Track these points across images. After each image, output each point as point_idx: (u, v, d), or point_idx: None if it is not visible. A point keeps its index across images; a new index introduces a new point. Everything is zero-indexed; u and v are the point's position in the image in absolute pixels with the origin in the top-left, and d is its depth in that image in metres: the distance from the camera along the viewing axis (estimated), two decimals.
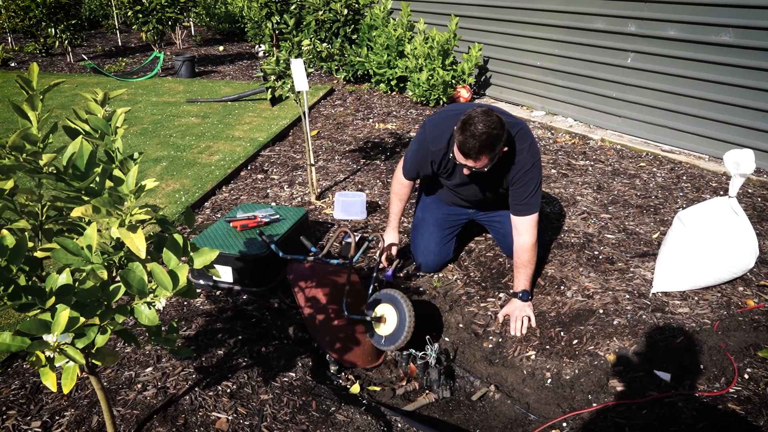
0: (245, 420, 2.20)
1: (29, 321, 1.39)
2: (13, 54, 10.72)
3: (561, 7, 5.78)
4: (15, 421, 2.22)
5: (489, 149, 2.55)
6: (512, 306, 2.94)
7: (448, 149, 2.83)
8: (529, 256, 2.91)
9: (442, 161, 2.91)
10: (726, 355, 2.48)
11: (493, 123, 2.52)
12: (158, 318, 1.57)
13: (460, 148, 2.58)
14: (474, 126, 2.51)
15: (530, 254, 2.90)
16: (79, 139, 1.45)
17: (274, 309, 2.99)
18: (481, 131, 2.50)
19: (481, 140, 2.51)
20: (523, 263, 2.92)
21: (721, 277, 2.90)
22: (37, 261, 1.65)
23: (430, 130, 2.92)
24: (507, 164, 2.81)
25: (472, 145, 2.53)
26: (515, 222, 2.90)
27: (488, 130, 2.51)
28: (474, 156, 2.57)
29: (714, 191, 4.19)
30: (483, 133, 2.50)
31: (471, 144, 2.53)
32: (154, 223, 1.66)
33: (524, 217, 2.87)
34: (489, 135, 2.51)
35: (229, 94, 7.39)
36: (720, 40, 4.54)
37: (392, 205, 3.29)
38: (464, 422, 2.52)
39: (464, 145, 2.56)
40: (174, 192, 4.43)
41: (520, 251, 2.91)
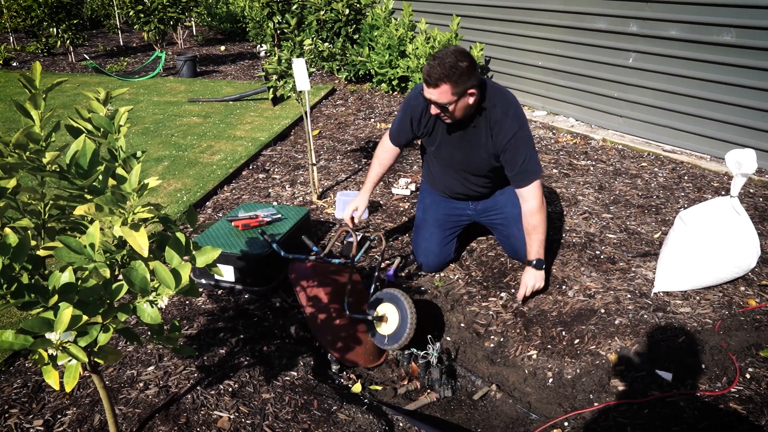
0: (247, 419, 2.20)
1: (32, 319, 1.39)
2: (15, 53, 10.73)
3: (562, 7, 5.78)
4: (17, 419, 2.22)
5: (450, 79, 2.57)
6: (527, 276, 2.96)
7: (426, 104, 2.85)
8: (538, 219, 2.90)
9: (421, 118, 2.97)
10: (728, 355, 2.48)
11: (462, 56, 2.58)
12: (160, 317, 1.57)
13: (424, 76, 2.63)
14: (443, 55, 2.58)
15: (539, 217, 2.90)
16: (82, 137, 1.46)
17: (275, 308, 2.99)
18: (447, 60, 2.56)
19: (444, 66, 2.55)
20: (533, 227, 2.92)
21: (723, 276, 2.90)
22: (40, 259, 1.65)
23: (413, 90, 3.01)
24: (485, 122, 2.84)
25: (434, 69, 2.57)
26: (520, 193, 2.91)
27: (455, 61, 2.56)
28: (434, 82, 2.60)
29: (716, 191, 4.19)
30: (447, 62, 2.56)
31: (434, 69, 2.58)
32: (156, 222, 1.66)
33: (526, 187, 2.87)
34: (453, 65, 2.56)
35: (231, 94, 7.40)
36: (722, 40, 4.53)
37: (371, 169, 3.31)
38: (466, 422, 2.52)
39: (427, 73, 2.61)
40: (176, 191, 4.44)
41: (528, 216, 2.92)
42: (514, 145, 2.82)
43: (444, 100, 2.65)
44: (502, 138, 2.83)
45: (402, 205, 4.15)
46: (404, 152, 5.16)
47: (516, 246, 3.24)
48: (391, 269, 3.24)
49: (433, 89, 2.63)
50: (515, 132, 2.81)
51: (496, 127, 2.83)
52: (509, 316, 2.95)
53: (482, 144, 2.90)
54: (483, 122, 2.86)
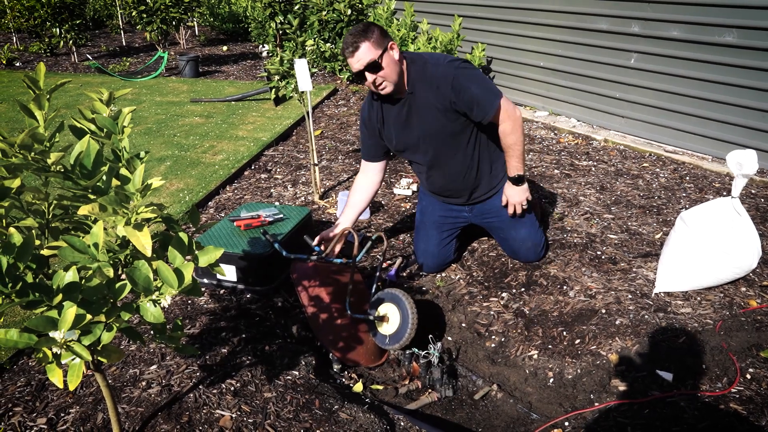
0: (249, 418, 2.21)
1: (36, 318, 1.40)
2: (18, 54, 10.76)
3: (564, 8, 5.79)
4: (21, 417, 2.24)
5: (365, 36, 2.70)
6: (510, 192, 3.08)
7: (371, 98, 3.06)
8: (514, 138, 2.93)
9: (370, 115, 3.07)
10: (728, 356, 2.49)
11: (369, 24, 2.77)
12: (163, 316, 1.58)
13: (343, 51, 2.81)
14: (350, 31, 2.78)
15: (514, 136, 2.93)
16: (86, 138, 1.47)
17: (277, 308, 3.00)
18: (356, 29, 2.74)
19: (356, 31, 2.73)
20: (509, 146, 2.97)
21: (724, 277, 2.91)
22: (44, 259, 1.66)
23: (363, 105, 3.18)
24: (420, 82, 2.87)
25: (348, 38, 2.75)
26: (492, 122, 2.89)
27: (364, 26, 2.75)
28: (353, 45, 2.71)
29: (717, 192, 4.19)
30: (357, 29, 2.74)
31: (348, 38, 2.76)
32: (159, 222, 1.67)
33: (493, 113, 2.84)
34: (364, 29, 2.73)
35: (233, 94, 7.41)
36: (723, 40, 4.54)
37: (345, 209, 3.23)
38: (467, 421, 2.53)
39: (345, 43, 2.77)
40: (178, 191, 4.45)
41: (503, 137, 2.95)
42: (459, 84, 2.80)
43: (370, 56, 2.71)
44: (445, 84, 2.82)
45: (404, 205, 4.16)
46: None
47: (515, 247, 3.25)
48: (393, 269, 3.26)
49: (355, 52, 2.73)
50: (453, 73, 2.81)
51: (434, 79, 2.84)
52: (510, 316, 2.96)
53: (430, 104, 2.89)
54: (419, 84, 2.88)
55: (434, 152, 3.05)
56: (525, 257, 3.26)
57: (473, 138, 3.02)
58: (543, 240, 3.29)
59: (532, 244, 3.22)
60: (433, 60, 2.88)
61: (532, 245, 3.22)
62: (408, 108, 2.95)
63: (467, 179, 3.14)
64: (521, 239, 3.21)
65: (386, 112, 3.02)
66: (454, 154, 3.05)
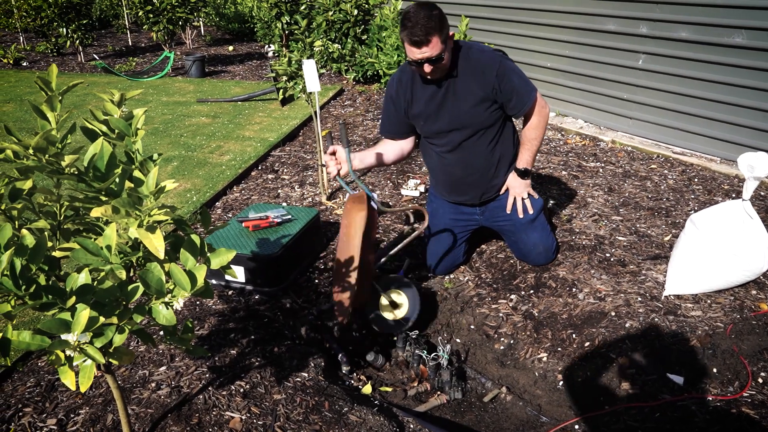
0: (258, 420, 2.21)
1: (50, 320, 1.40)
2: (25, 53, 10.79)
3: (572, 8, 5.77)
4: (31, 418, 2.24)
5: (435, 29, 2.64)
6: (513, 183, 3.13)
7: (400, 74, 3.01)
8: (538, 133, 3.05)
9: (398, 90, 3.02)
10: (739, 359, 2.47)
11: (429, 5, 2.66)
12: (175, 318, 1.58)
13: (410, 39, 2.66)
14: (413, 12, 2.64)
15: (539, 131, 3.05)
16: (100, 140, 1.47)
17: (286, 309, 3.00)
18: (423, 15, 2.62)
19: (426, 20, 2.62)
20: (530, 139, 3.07)
21: (734, 280, 2.89)
22: (56, 261, 1.66)
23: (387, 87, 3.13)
24: (465, 66, 2.88)
25: (418, 28, 2.62)
26: (524, 116, 3.03)
27: (428, 12, 2.64)
28: (425, 38, 2.63)
29: (726, 194, 4.17)
30: (424, 16, 2.62)
31: (418, 27, 2.62)
32: (170, 224, 1.67)
33: (529, 107, 2.97)
34: (431, 17, 2.63)
35: (239, 94, 7.41)
36: (733, 41, 4.51)
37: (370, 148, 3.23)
38: (476, 424, 2.53)
39: (413, 35, 2.64)
40: (185, 192, 4.45)
41: (528, 129, 3.06)
42: (503, 73, 2.87)
43: (437, 50, 2.69)
44: (490, 71, 2.87)
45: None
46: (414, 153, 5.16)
47: (525, 250, 3.24)
48: (401, 270, 3.25)
49: (425, 47, 2.67)
50: (499, 60, 2.88)
51: (479, 65, 2.88)
52: (519, 319, 2.95)
53: (471, 89, 2.91)
54: (463, 68, 2.89)
55: (461, 139, 3.04)
56: (535, 261, 3.25)
57: (498, 134, 3.06)
58: (554, 244, 3.28)
59: (543, 249, 3.21)
60: (477, 46, 2.94)
61: (543, 249, 3.21)
62: (446, 90, 2.94)
63: (484, 175, 3.13)
64: (532, 243, 3.20)
65: (418, 91, 2.99)
66: (479, 145, 3.06)
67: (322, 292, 3.14)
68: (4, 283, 1.37)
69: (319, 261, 3.44)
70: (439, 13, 2.67)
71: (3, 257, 1.36)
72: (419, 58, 2.72)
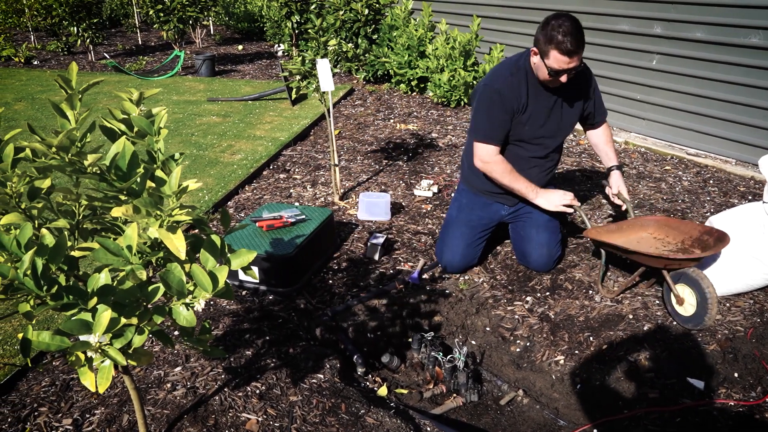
0: (275, 421, 2.19)
1: (71, 321, 1.39)
2: (36, 52, 10.82)
3: (584, 8, 5.73)
4: (46, 418, 2.23)
5: (583, 39, 2.76)
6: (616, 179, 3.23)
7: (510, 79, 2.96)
8: (611, 133, 3.36)
9: (512, 95, 2.96)
10: (761, 364, 2.44)
11: (575, 19, 2.76)
12: (195, 319, 1.56)
13: (565, 49, 2.71)
14: (564, 24, 2.73)
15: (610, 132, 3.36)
16: (122, 139, 1.45)
17: (300, 309, 2.98)
18: (575, 26, 2.71)
19: (578, 32, 2.72)
20: (609, 139, 3.33)
21: (754, 283, 2.85)
22: (75, 260, 1.65)
23: (489, 81, 3.02)
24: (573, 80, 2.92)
25: (576, 41, 2.72)
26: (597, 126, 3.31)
27: (578, 24, 2.75)
28: (578, 50, 2.72)
29: (742, 196, 4.13)
30: (577, 27, 2.72)
31: (576, 40, 2.72)
32: (189, 223, 1.65)
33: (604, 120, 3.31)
34: (580, 27, 2.74)
35: (250, 93, 7.41)
36: (749, 42, 4.47)
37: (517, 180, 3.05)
38: (492, 427, 2.50)
39: (569, 45, 2.69)
40: (197, 191, 4.44)
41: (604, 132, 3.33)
42: (596, 85, 3.15)
43: (580, 62, 2.81)
44: (586, 81, 3.05)
45: (424, 206, 4.13)
46: (425, 153, 5.15)
47: (527, 249, 3.21)
48: (415, 271, 3.22)
49: (576, 57, 2.75)
50: (590, 72, 3.07)
51: (583, 74, 3.02)
52: (535, 321, 2.93)
53: (576, 96, 3.05)
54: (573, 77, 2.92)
55: (554, 146, 3.16)
56: (535, 262, 3.20)
57: None
58: (558, 253, 3.23)
59: (547, 252, 3.17)
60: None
61: (546, 252, 3.17)
62: (557, 98, 3.00)
63: (546, 179, 3.25)
64: (538, 242, 3.16)
65: (534, 98, 2.99)
66: (557, 152, 3.22)
67: (336, 293, 3.12)
68: (26, 284, 1.35)
69: (333, 261, 3.42)
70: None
71: (25, 257, 1.34)
72: (568, 68, 2.77)
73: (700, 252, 2.70)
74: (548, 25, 2.74)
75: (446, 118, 6.25)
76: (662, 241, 2.92)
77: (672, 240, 2.89)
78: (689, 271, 2.68)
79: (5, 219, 1.52)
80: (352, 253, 3.51)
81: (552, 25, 2.72)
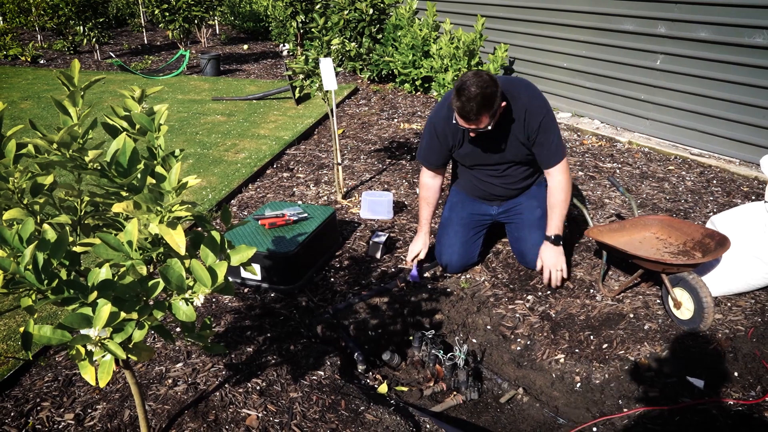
0: (275, 417, 2.20)
1: (71, 315, 1.40)
2: (42, 51, 10.88)
3: (588, 8, 5.73)
4: (48, 413, 2.25)
5: (487, 108, 2.65)
6: (545, 253, 3.06)
7: (448, 115, 2.92)
8: (564, 196, 3.02)
9: (447, 131, 2.99)
10: (762, 363, 2.44)
11: (485, 82, 2.62)
12: (195, 314, 1.58)
13: (460, 113, 2.70)
14: (467, 89, 2.61)
15: (565, 194, 3.02)
16: (122, 135, 1.47)
17: (302, 307, 2.99)
18: (475, 93, 2.60)
19: (477, 101, 2.61)
20: (558, 202, 3.03)
21: (755, 283, 2.85)
22: (77, 256, 1.67)
23: (433, 112, 3.09)
24: (512, 118, 2.89)
25: (470, 108, 2.64)
26: (550, 171, 3.02)
27: (481, 90, 2.61)
28: (474, 117, 2.68)
29: (745, 196, 4.12)
30: (477, 94, 2.60)
31: (468, 107, 2.64)
32: (190, 220, 1.66)
33: (556, 165, 2.99)
34: (483, 95, 2.61)
35: (254, 93, 7.43)
36: (753, 42, 4.46)
37: (421, 210, 3.30)
38: (492, 425, 2.51)
39: (463, 110, 2.67)
40: (201, 189, 4.46)
41: (555, 191, 3.03)
42: (545, 126, 2.91)
43: (484, 124, 2.73)
44: (534, 122, 2.90)
45: None
46: None
47: (524, 249, 3.22)
48: (414, 269, 3.23)
49: (473, 123, 2.72)
50: (544, 114, 2.91)
51: (526, 113, 2.90)
52: (536, 319, 2.93)
53: (513, 135, 2.95)
54: (508, 115, 2.89)
55: (505, 168, 3.14)
56: (532, 262, 3.20)
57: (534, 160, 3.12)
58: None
59: None
60: (526, 92, 2.92)
61: None
62: (493, 134, 2.92)
63: (518, 188, 3.24)
64: (532, 242, 3.17)
65: (467, 134, 2.97)
66: (524, 170, 3.16)
67: (337, 291, 3.13)
68: (27, 277, 1.37)
69: (335, 259, 3.44)
70: (492, 91, 2.64)
71: (26, 251, 1.36)
72: (469, 128, 2.77)
73: (700, 256, 2.70)
74: (460, 81, 2.65)
75: None
76: (664, 242, 2.92)
77: (674, 241, 2.89)
78: (688, 277, 2.68)
79: (8, 214, 1.54)
80: (354, 252, 3.52)
81: (460, 81, 2.64)
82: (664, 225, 2.99)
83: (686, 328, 2.68)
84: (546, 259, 3.04)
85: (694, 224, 2.87)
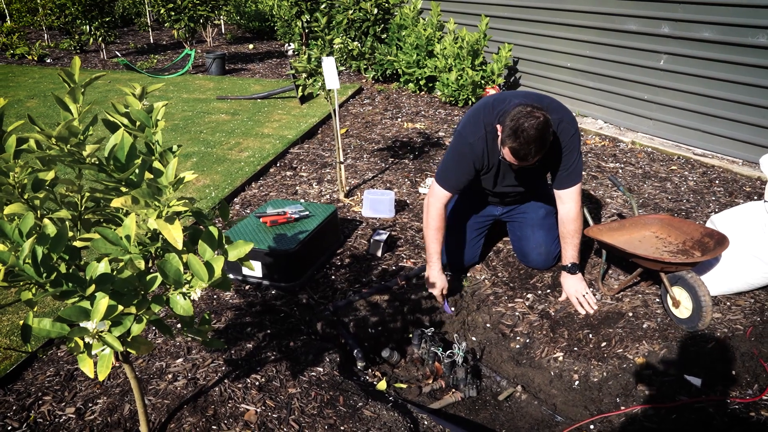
0: (273, 413, 2.22)
1: (70, 308, 1.42)
2: (49, 50, 10.94)
3: (592, 8, 5.73)
4: (50, 407, 2.27)
5: (543, 149, 2.58)
6: (568, 283, 3.00)
7: (487, 136, 2.79)
8: (577, 226, 2.95)
9: (483, 155, 2.85)
10: (759, 362, 2.44)
11: (541, 124, 2.49)
12: (192, 309, 1.59)
13: (515, 153, 2.58)
14: (526, 132, 2.48)
15: (578, 223, 2.95)
16: (120, 131, 1.49)
17: (302, 304, 3.01)
18: (534, 136, 2.49)
19: (536, 145, 2.52)
20: (570, 233, 2.96)
21: (754, 282, 2.85)
22: (77, 250, 1.69)
23: (467, 132, 2.85)
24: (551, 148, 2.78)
25: (527, 151, 2.54)
26: (561, 195, 2.92)
27: (540, 134, 2.50)
28: (531, 159, 2.58)
29: (748, 196, 4.12)
30: (537, 138, 2.50)
31: (527, 150, 2.53)
32: (188, 216, 1.68)
33: (570, 188, 2.89)
34: (542, 138, 2.52)
35: (259, 92, 7.45)
36: (757, 42, 4.45)
37: (431, 242, 3.00)
38: (490, 422, 2.52)
39: (519, 152, 2.56)
40: (204, 187, 4.49)
41: (567, 221, 2.94)
42: (569, 145, 2.81)
43: (535, 161, 2.64)
44: (559, 151, 2.81)
45: None
46: (432, 152, 5.17)
47: (525, 249, 3.22)
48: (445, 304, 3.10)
49: (525, 162, 2.62)
50: (572, 134, 2.81)
51: (557, 146, 2.80)
52: (535, 318, 2.94)
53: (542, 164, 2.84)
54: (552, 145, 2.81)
55: (526, 191, 3.12)
56: (534, 262, 3.22)
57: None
58: (557, 251, 3.20)
59: (545, 251, 3.18)
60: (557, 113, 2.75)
61: (544, 251, 3.18)
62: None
63: (526, 196, 3.22)
64: (535, 242, 3.17)
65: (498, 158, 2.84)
66: (537, 185, 3.18)
67: (338, 288, 3.15)
68: (26, 270, 1.39)
69: (336, 257, 3.45)
70: (550, 132, 2.57)
71: (25, 244, 1.38)
72: (519, 166, 2.69)
73: (698, 255, 2.70)
74: (515, 120, 2.51)
75: (454, 117, 6.26)
76: (664, 241, 2.92)
77: (674, 240, 2.90)
78: (687, 276, 2.69)
79: (8, 209, 1.56)
80: (356, 250, 3.53)
81: (515, 122, 2.51)
82: (664, 224, 2.99)
83: (685, 326, 2.69)
84: (568, 289, 3.00)
85: (694, 223, 2.87)
